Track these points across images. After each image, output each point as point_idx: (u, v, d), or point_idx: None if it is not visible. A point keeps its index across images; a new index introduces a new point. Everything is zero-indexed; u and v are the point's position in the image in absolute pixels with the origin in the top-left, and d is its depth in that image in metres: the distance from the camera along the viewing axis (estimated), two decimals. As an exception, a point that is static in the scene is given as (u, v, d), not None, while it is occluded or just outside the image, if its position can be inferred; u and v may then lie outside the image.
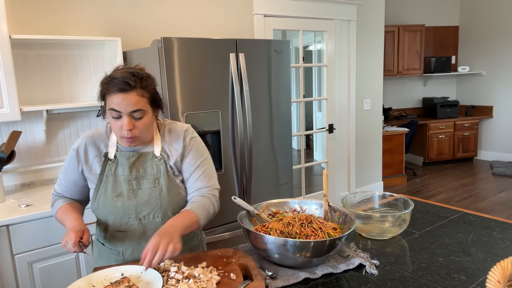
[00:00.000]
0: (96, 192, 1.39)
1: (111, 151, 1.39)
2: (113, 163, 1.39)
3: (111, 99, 1.28)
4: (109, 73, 1.32)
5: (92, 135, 1.43)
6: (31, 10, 2.42)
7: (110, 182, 1.38)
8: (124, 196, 1.38)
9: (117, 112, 1.28)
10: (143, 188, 1.39)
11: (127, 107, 1.27)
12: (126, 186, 1.38)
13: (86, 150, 1.41)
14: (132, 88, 1.27)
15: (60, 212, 1.41)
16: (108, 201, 1.38)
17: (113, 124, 1.32)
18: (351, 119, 4.39)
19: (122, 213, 1.38)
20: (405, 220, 1.54)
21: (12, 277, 1.95)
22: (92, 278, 1.18)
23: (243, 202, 1.51)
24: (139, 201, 1.38)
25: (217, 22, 3.22)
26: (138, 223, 1.40)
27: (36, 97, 2.48)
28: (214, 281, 1.15)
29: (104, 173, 1.39)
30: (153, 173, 1.40)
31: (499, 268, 0.84)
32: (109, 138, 1.42)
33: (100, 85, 1.32)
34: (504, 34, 6.15)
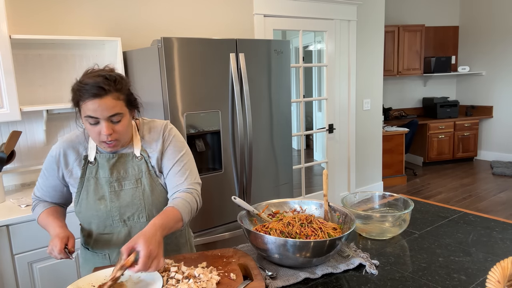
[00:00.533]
0: (78, 196, 1.37)
1: (91, 153, 1.36)
2: (94, 165, 1.36)
3: (86, 106, 1.22)
4: (79, 78, 1.26)
5: (70, 139, 1.39)
6: (31, 10, 2.43)
7: (91, 185, 1.36)
8: (106, 198, 1.35)
9: (94, 119, 1.24)
10: (125, 189, 1.36)
11: (104, 112, 1.23)
12: (108, 189, 1.35)
13: (65, 154, 1.37)
14: (107, 92, 1.22)
15: (42, 217, 1.39)
16: (91, 205, 1.35)
17: (91, 131, 1.27)
18: (351, 119, 4.39)
19: (106, 216, 1.36)
20: (405, 220, 1.54)
21: (12, 277, 1.95)
22: (92, 278, 1.18)
23: (243, 202, 1.51)
24: (122, 203, 1.36)
25: (217, 22, 3.22)
26: (123, 225, 1.39)
27: (36, 97, 2.48)
28: (214, 281, 1.15)
29: (85, 176, 1.36)
30: (134, 173, 1.37)
31: (499, 268, 0.84)
32: (87, 140, 1.39)
33: (72, 92, 1.26)
34: (504, 34, 6.15)
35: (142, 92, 2.52)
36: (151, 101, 2.42)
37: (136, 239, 1.11)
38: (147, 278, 1.17)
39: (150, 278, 1.16)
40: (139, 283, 1.15)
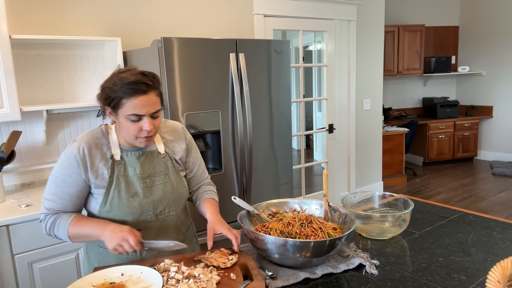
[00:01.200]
0: (106, 196, 1.34)
1: (116, 152, 1.36)
2: (121, 164, 1.36)
3: (131, 104, 1.24)
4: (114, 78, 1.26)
5: (90, 139, 1.36)
6: (31, 10, 2.43)
7: (122, 184, 1.35)
8: (140, 195, 1.37)
9: (137, 116, 1.26)
10: (156, 185, 1.40)
11: (149, 108, 1.27)
12: (140, 185, 1.37)
13: (90, 154, 1.33)
14: (150, 88, 1.27)
15: (77, 224, 1.31)
16: (123, 202, 1.35)
17: (130, 128, 1.28)
18: (351, 119, 4.39)
19: (140, 211, 1.38)
20: (405, 220, 1.54)
21: (12, 277, 1.95)
22: (92, 277, 1.18)
23: (243, 202, 1.51)
24: (155, 198, 1.40)
25: (217, 22, 3.22)
26: (155, 219, 1.42)
27: (36, 97, 2.48)
28: (214, 281, 1.15)
29: (114, 175, 1.34)
30: (161, 169, 1.42)
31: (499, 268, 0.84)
32: (108, 139, 1.38)
33: (108, 91, 1.27)
34: (504, 34, 6.15)
35: (142, 92, 2.52)
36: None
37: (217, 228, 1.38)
38: (147, 278, 1.17)
39: (150, 278, 1.16)
40: (139, 283, 1.15)
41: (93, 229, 1.29)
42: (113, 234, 1.25)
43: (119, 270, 1.22)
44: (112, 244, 1.24)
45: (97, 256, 1.45)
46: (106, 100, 1.28)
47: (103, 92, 1.29)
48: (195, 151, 1.57)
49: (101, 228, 1.28)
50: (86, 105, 2.45)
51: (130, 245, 1.23)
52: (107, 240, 1.25)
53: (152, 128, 1.29)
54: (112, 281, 1.18)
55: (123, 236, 1.24)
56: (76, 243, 2.10)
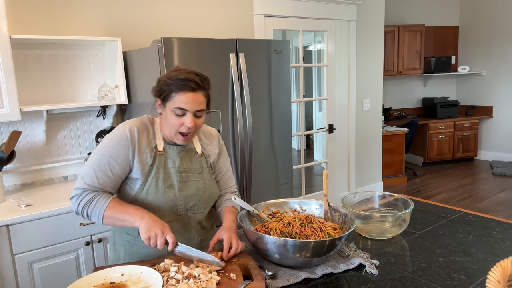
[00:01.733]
0: (145, 182, 1.39)
1: (160, 143, 1.42)
2: (162, 155, 1.42)
3: (179, 98, 1.32)
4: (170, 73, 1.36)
5: (141, 124, 1.42)
6: (31, 10, 2.42)
7: (161, 174, 1.40)
8: (175, 187, 1.42)
9: (182, 110, 1.33)
10: (190, 180, 1.46)
11: (194, 105, 1.34)
12: (177, 178, 1.43)
13: (139, 138, 1.39)
14: (200, 88, 1.35)
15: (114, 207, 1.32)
16: (160, 192, 1.40)
17: (174, 121, 1.35)
18: (351, 119, 4.39)
19: (173, 203, 1.42)
20: (405, 220, 1.54)
21: (12, 277, 1.95)
22: (92, 278, 1.19)
23: (243, 202, 1.51)
24: (188, 193, 1.44)
25: (217, 22, 3.22)
26: (185, 214, 1.46)
27: (36, 97, 2.48)
28: (214, 281, 1.15)
29: (155, 164, 1.40)
30: (196, 168, 1.48)
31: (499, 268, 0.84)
32: (154, 129, 1.44)
33: (161, 83, 1.36)
34: (504, 34, 6.15)
35: (142, 92, 2.52)
36: (151, 101, 2.41)
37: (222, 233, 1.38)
38: (147, 278, 1.17)
39: (150, 278, 1.16)
40: (139, 283, 1.15)
41: (132, 214, 1.30)
42: (153, 223, 1.27)
43: (119, 270, 1.22)
44: (148, 233, 1.25)
45: (123, 243, 1.49)
46: (158, 91, 1.37)
47: (157, 85, 1.38)
48: (224, 158, 1.61)
49: (142, 214, 1.30)
50: (86, 105, 2.45)
51: (163, 242, 1.25)
52: (145, 227, 1.26)
53: (192, 125, 1.35)
54: (112, 281, 1.18)
55: (163, 230, 1.26)
56: (78, 245, 2.10)
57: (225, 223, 1.45)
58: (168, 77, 1.35)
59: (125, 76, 2.58)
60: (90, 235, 2.15)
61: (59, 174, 2.59)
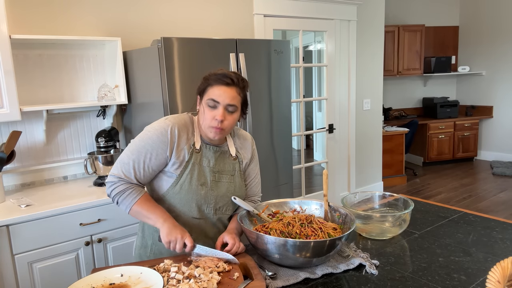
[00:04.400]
0: (179, 177, 1.42)
1: (197, 141, 1.46)
2: (199, 153, 1.45)
3: (213, 90, 1.38)
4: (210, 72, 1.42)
5: (181, 121, 1.45)
6: (31, 10, 2.42)
7: (195, 171, 1.44)
8: (207, 185, 1.46)
9: (214, 102, 1.37)
10: (222, 181, 1.49)
11: (226, 99, 1.37)
12: (210, 177, 1.46)
13: (179, 134, 1.42)
14: (234, 84, 1.39)
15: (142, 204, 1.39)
16: (193, 188, 1.43)
17: (207, 114, 1.39)
18: (351, 119, 4.39)
19: (203, 201, 1.46)
20: (405, 220, 1.54)
21: (12, 277, 1.95)
22: (92, 278, 1.18)
23: (243, 202, 1.51)
24: (219, 193, 1.48)
25: (217, 22, 3.22)
26: (213, 213, 1.49)
27: (36, 97, 2.48)
28: (214, 281, 1.15)
29: (191, 161, 1.43)
30: (229, 170, 1.51)
31: (499, 268, 0.84)
32: (193, 128, 1.48)
33: (203, 80, 1.42)
34: (505, 34, 6.15)
35: (142, 92, 2.52)
36: (151, 101, 2.42)
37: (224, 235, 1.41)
38: (147, 278, 1.17)
39: (150, 279, 1.16)
40: (139, 284, 1.15)
41: (157, 215, 1.37)
42: (174, 228, 1.33)
43: (119, 271, 1.22)
44: (168, 237, 1.31)
45: (153, 233, 1.52)
46: (198, 88, 1.44)
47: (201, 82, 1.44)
48: (254, 164, 1.62)
49: (165, 218, 1.36)
50: (86, 105, 2.45)
51: (181, 246, 1.31)
52: (166, 231, 1.32)
53: (222, 119, 1.37)
54: (111, 282, 1.18)
55: (182, 235, 1.32)
56: (78, 245, 2.10)
57: (230, 228, 1.47)
58: (208, 75, 1.42)
59: (125, 76, 2.58)
60: (90, 235, 2.15)
61: (59, 174, 2.59)
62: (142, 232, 1.59)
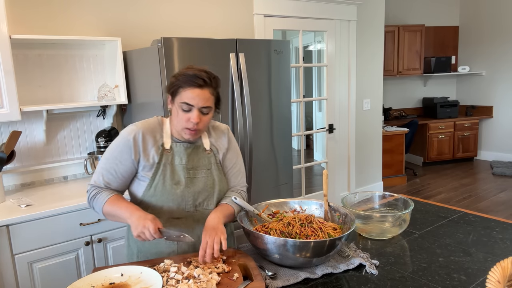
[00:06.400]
0: (152, 180, 1.43)
1: (167, 141, 1.46)
2: (169, 153, 1.45)
3: (186, 93, 1.36)
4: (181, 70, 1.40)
5: (148, 126, 1.46)
6: (31, 10, 2.42)
7: (168, 171, 1.43)
8: (182, 184, 1.45)
9: (188, 106, 1.36)
10: (198, 177, 1.48)
11: (200, 101, 1.36)
12: (184, 174, 1.45)
13: (144, 138, 1.43)
14: (207, 85, 1.37)
15: (112, 203, 1.39)
16: (167, 189, 1.43)
17: (181, 117, 1.39)
18: (351, 119, 4.39)
19: (181, 199, 1.45)
20: (405, 220, 1.54)
21: (12, 277, 1.95)
22: (92, 278, 1.19)
23: (243, 202, 1.51)
24: (196, 189, 1.47)
25: (217, 22, 3.22)
26: (194, 210, 1.48)
27: (36, 97, 2.48)
28: (214, 282, 1.15)
29: (162, 162, 1.43)
30: (205, 164, 1.50)
31: (499, 268, 0.84)
32: (162, 129, 1.48)
33: (172, 79, 1.40)
34: (505, 34, 6.15)
35: (142, 92, 2.52)
36: (151, 101, 2.42)
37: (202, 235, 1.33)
38: (146, 278, 1.17)
39: (149, 278, 1.16)
40: (139, 284, 1.15)
41: (124, 211, 1.36)
42: (138, 221, 1.30)
43: (119, 271, 1.22)
44: (136, 231, 1.29)
45: (135, 240, 1.51)
46: (169, 87, 1.41)
47: (169, 81, 1.42)
48: (232, 154, 1.59)
49: (131, 213, 1.34)
50: (86, 105, 2.45)
51: (150, 233, 1.28)
52: (132, 226, 1.31)
53: (198, 121, 1.37)
54: (112, 282, 1.18)
55: (145, 224, 1.28)
56: (78, 245, 2.10)
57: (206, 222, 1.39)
58: (179, 74, 1.39)
59: (125, 76, 2.58)
60: (90, 235, 2.15)
61: (59, 174, 2.59)
62: (127, 241, 1.58)
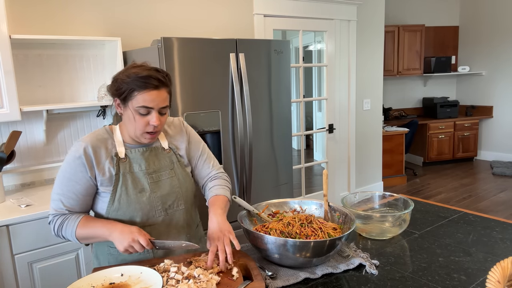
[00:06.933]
0: (114, 193, 1.35)
1: (120, 150, 1.37)
2: (126, 161, 1.37)
3: (142, 96, 1.28)
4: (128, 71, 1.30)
5: (95, 138, 1.36)
6: (31, 10, 2.42)
7: (129, 180, 1.36)
8: (147, 190, 1.38)
9: (146, 109, 1.29)
10: (162, 179, 1.41)
11: (159, 103, 1.30)
12: (147, 180, 1.38)
13: (95, 152, 1.33)
14: (163, 84, 1.31)
15: (85, 225, 1.31)
16: (132, 199, 1.35)
17: (138, 121, 1.31)
18: (351, 119, 4.39)
19: (149, 207, 1.38)
20: (405, 220, 1.54)
21: (12, 277, 1.95)
22: (92, 278, 1.18)
23: (243, 202, 1.51)
24: (163, 192, 1.40)
25: (217, 22, 3.22)
26: (165, 214, 1.41)
27: (36, 97, 2.48)
28: (214, 282, 1.15)
29: (120, 172, 1.35)
30: (166, 164, 1.43)
31: (499, 268, 0.84)
32: (113, 138, 1.40)
33: (123, 83, 1.29)
34: (504, 34, 6.15)
35: (142, 92, 2.52)
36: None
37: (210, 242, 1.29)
38: (146, 278, 1.17)
39: (149, 278, 1.16)
40: (139, 284, 1.15)
41: (101, 230, 1.29)
42: (122, 235, 1.24)
43: (119, 271, 1.22)
44: (122, 246, 1.23)
45: (107, 257, 1.44)
46: (117, 91, 1.31)
47: (114, 83, 1.33)
48: (195, 144, 1.53)
49: (110, 229, 1.27)
50: (86, 105, 2.45)
51: (140, 246, 1.23)
52: (116, 242, 1.24)
53: (158, 123, 1.31)
54: (112, 282, 1.18)
55: (133, 237, 1.23)
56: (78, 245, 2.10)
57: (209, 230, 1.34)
58: (127, 76, 1.29)
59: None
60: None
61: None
62: (96, 258, 1.48)
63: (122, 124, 1.40)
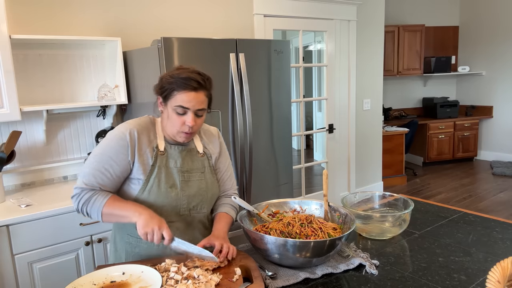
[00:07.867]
0: (147, 182, 1.38)
1: (161, 143, 1.42)
2: (164, 155, 1.42)
3: (181, 96, 1.33)
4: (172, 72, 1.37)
5: (141, 124, 1.41)
6: (31, 10, 2.42)
7: (163, 173, 1.40)
8: (177, 187, 1.42)
9: (184, 109, 1.34)
10: (192, 180, 1.45)
11: (196, 105, 1.34)
12: (179, 178, 1.42)
13: (139, 137, 1.38)
14: (202, 87, 1.35)
15: (113, 202, 1.32)
16: (162, 192, 1.39)
17: (175, 120, 1.35)
18: (351, 119, 4.39)
19: (175, 203, 1.42)
20: (405, 220, 1.54)
21: (12, 277, 1.95)
22: (93, 276, 1.19)
23: (243, 202, 1.52)
24: (191, 192, 1.44)
25: (217, 22, 3.22)
26: (188, 214, 1.45)
27: (36, 97, 2.48)
28: (213, 283, 1.15)
29: (157, 164, 1.40)
30: (198, 167, 1.48)
31: (499, 268, 0.84)
32: (155, 130, 1.44)
33: (163, 81, 1.36)
34: (504, 34, 6.15)
35: (142, 92, 2.52)
36: (151, 101, 2.41)
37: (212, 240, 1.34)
38: (147, 277, 1.17)
39: (150, 278, 1.16)
40: (139, 283, 1.15)
41: (131, 209, 1.30)
42: (151, 219, 1.26)
43: (121, 269, 1.22)
44: (145, 229, 1.24)
45: (125, 245, 1.47)
46: (160, 89, 1.37)
47: (160, 83, 1.38)
48: (224, 157, 1.58)
49: (140, 210, 1.29)
50: (86, 105, 2.45)
51: (159, 237, 1.24)
52: (142, 222, 1.25)
53: (193, 124, 1.35)
54: (113, 280, 1.18)
55: (160, 225, 1.25)
56: (78, 245, 2.10)
57: (216, 231, 1.41)
58: (170, 76, 1.35)
59: (125, 76, 2.58)
60: (90, 235, 2.15)
61: (59, 174, 2.59)
62: (114, 245, 1.53)
63: (162, 120, 1.44)
